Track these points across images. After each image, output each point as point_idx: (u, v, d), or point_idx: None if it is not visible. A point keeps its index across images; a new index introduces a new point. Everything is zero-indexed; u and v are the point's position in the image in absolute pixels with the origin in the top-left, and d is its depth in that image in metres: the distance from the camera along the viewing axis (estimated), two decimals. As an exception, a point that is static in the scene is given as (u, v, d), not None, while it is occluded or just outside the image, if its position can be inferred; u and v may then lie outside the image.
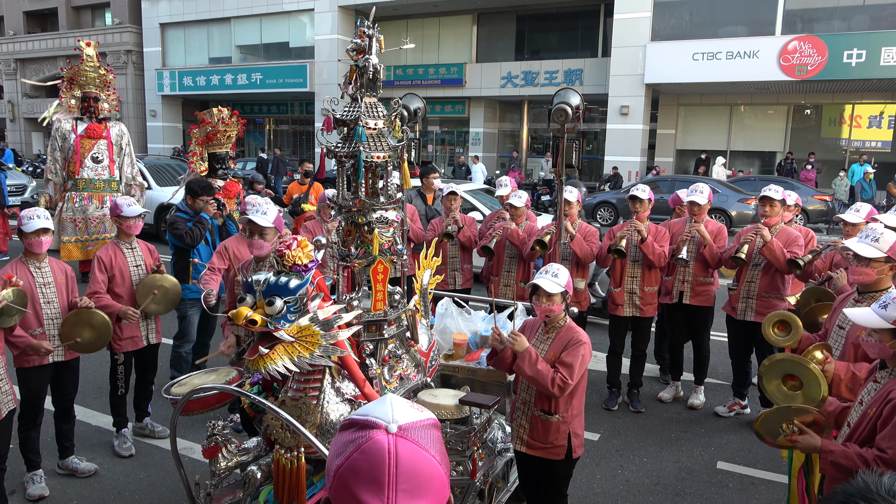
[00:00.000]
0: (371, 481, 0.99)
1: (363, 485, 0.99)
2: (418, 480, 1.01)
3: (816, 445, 2.63)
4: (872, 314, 2.53)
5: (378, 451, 1.00)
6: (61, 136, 8.54)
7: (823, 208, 15.72)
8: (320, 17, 25.54)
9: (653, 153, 23.15)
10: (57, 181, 8.65)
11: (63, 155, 8.59)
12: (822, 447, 2.61)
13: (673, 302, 5.55)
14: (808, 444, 2.67)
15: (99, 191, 8.63)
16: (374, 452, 1.00)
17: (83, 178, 8.51)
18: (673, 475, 4.55)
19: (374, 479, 0.99)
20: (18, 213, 10.15)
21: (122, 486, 4.28)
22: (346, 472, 1.00)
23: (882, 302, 2.53)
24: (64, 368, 4.17)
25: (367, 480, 0.99)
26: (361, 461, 1.00)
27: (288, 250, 2.56)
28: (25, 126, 33.91)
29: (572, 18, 24.29)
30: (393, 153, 3.11)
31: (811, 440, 2.66)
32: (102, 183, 8.71)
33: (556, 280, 3.23)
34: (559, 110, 4.48)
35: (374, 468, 0.99)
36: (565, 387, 3.08)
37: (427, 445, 1.03)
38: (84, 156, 8.51)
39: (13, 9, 34.81)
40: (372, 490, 0.99)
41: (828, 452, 2.58)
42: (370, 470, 0.99)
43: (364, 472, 0.99)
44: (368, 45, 3.06)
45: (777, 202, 5.04)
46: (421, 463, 1.02)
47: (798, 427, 2.72)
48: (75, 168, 8.48)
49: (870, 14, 18.64)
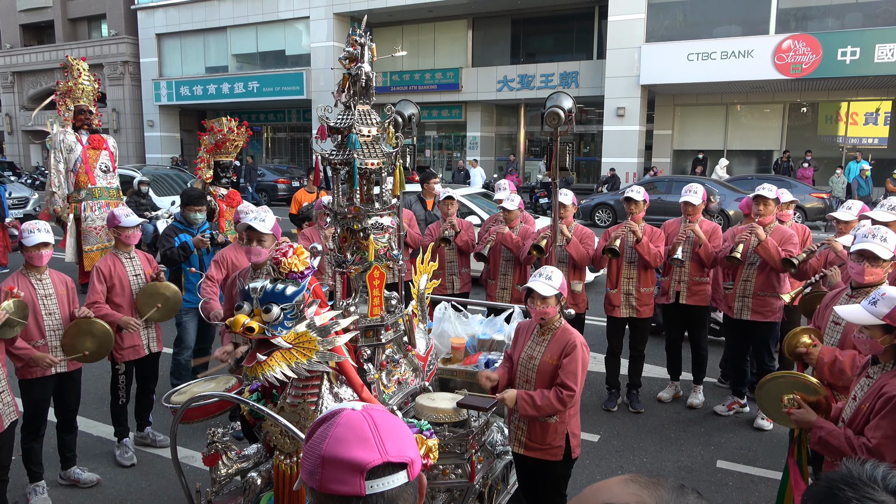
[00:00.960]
0: (358, 440, 1.07)
1: (352, 446, 1.07)
2: (397, 432, 1.12)
3: (811, 421, 2.69)
4: (863, 311, 2.56)
5: (354, 417, 1.11)
6: (66, 148, 8.59)
7: (821, 206, 15.75)
8: (316, 24, 25.63)
9: (650, 154, 23.20)
10: (61, 193, 8.70)
11: (68, 167, 8.65)
12: (815, 423, 2.66)
13: (670, 302, 5.58)
14: (803, 417, 2.72)
15: (113, 199, 8.83)
16: (350, 419, 1.10)
17: (98, 187, 8.69)
18: (673, 474, 4.56)
19: (360, 437, 1.08)
20: (17, 225, 10.18)
21: (125, 495, 4.30)
22: (331, 446, 1.08)
23: (871, 298, 2.56)
24: (66, 379, 4.20)
25: (354, 441, 1.07)
26: (342, 430, 1.09)
27: (284, 258, 2.59)
28: (23, 139, 33.99)
29: (567, 21, 24.38)
30: (387, 160, 3.14)
31: (807, 415, 2.71)
32: (114, 191, 8.98)
33: (549, 283, 3.26)
34: (552, 114, 4.52)
35: (357, 430, 1.09)
36: (573, 397, 3.18)
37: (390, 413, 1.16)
38: (93, 166, 8.67)
39: (9, 22, 34.92)
40: (361, 446, 1.07)
41: (819, 428, 2.64)
42: (354, 432, 1.08)
43: (349, 436, 1.08)
44: (361, 53, 3.09)
45: (771, 201, 5.07)
46: (392, 420, 1.13)
47: (797, 401, 2.76)
48: (88, 178, 8.62)
49: (863, 12, 18.71)
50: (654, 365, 6.43)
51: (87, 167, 8.57)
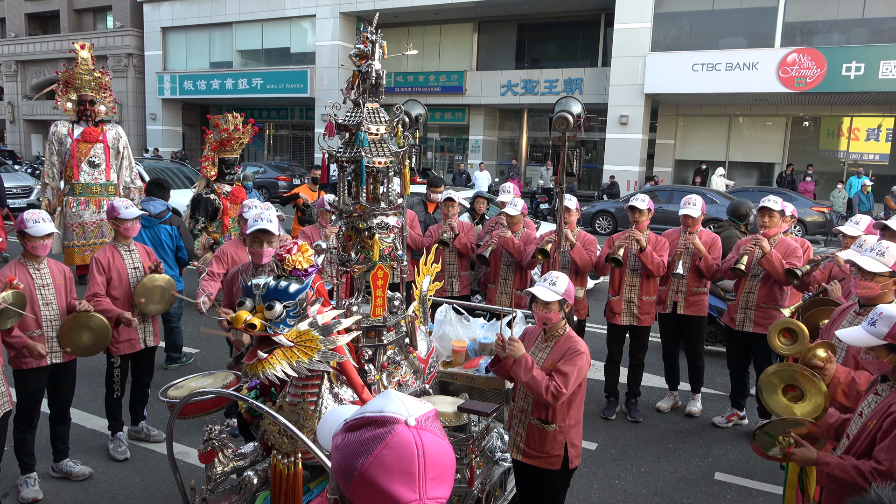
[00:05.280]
0: (402, 473, 1.02)
1: (395, 478, 1.02)
2: (442, 467, 1.06)
3: (813, 458, 2.62)
4: (863, 333, 2.53)
5: (406, 444, 1.03)
6: (58, 141, 8.49)
7: (821, 220, 15.76)
8: (322, 23, 25.63)
9: (652, 163, 23.22)
10: (54, 185, 8.60)
11: (60, 159, 8.55)
12: (818, 459, 2.60)
13: (667, 312, 5.56)
14: (804, 456, 2.66)
15: (96, 195, 8.53)
16: (402, 446, 1.03)
17: (80, 182, 8.46)
18: (671, 485, 4.53)
19: (406, 471, 1.02)
20: (11, 214, 10.11)
21: (117, 490, 4.25)
22: (374, 469, 1.02)
23: (870, 319, 2.53)
24: (61, 371, 4.15)
25: (398, 473, 1.02)
26: (390, 456, 1.03)
27: (288, 255, 2.55)
28: (25, 128, 33.93)
29: (573, 28, 24.42)
30: (394, 159, 3.11)
31: (807, 453, 2.65)
32: (99, 187, 8.60)
33: (553, 288, 3.21)
34: (560, 118, 4.49)
35: (404, 461, 1.02)
36: (559, 395, 3.06)
37: (441, 434, 1.08)
38: (81, 160, 8.43)
39: (15, 10, 34.89)
40: (404, 482, 1.02)
41: (824, 465, 2.56)
42: (401, 463, 1.02)
43: (395, 466, 1.02)
44: (371, 50, 3.06)
45: (776, 213, 5.06)
46: (442, 451, 1.07)
47: (794, 440, 2.71)
48: (72, 173, 8.42)
49: (868, 27, 18.75)
50: (652, 374, 6.40)
51: (74, 161, 8.42)
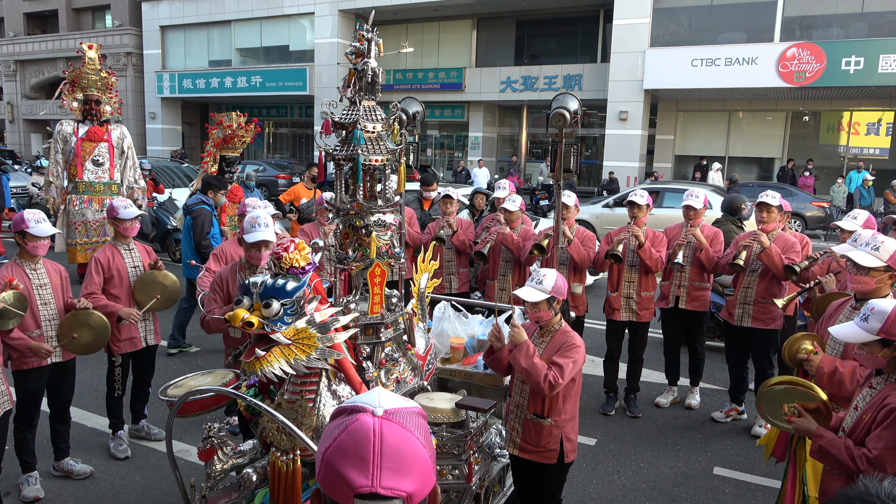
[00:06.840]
0: (356, 458, 1.03)
1: (349, 463, 1.03)
2: (402, 459, 1.04)
3: (811, 430, 2.68)
4: (856, 329, 2.54)
5: (363, 430, 1.05)
6: (62, 139, 8.53)
7: (821, 215, 15.76)
8: (320, 20, 25.57)
9: (651, 159, 23.18)
10: (59, 184, 8.64)
11: (64, 158, 8.58)
12: (815, 432, 2.65)
13: (669, 306, 5.56)
14: (803, 426, 2.71)
15: (99, 194, 8.59)
16: (359, 432, 1.05)
17: (84, 181, 8.51)
18: (669, 480, 4.54)
19: (360, 456, 1.03)
20: (10, 215, 10.10)
21: (118, 488, 4.27)
22: (332, 452, 1.05)
23: (862, 315, 2.54)
24: (61, 370, 4.17)
25: (352, 458, 1.03)
26: (347, 440, 1.05)
27: (285, 253, 2.56)
28: (25, 127, 33.89)
29: (572, 24, 24.35)
30: (391, 156, 3.12)
31: (807, 424, 2.70)
32: (103, 186, 8.65)
33: (539, 287, 3.22)
34: (557, 115, 4.49)
35: (358, 446, 1.04)
36: (556, 385, 3.09)
37: (411, 428, 1.08)
38: (85, 159, 8.49)
39: (13, 10, 34.82)
40: (357, 467, 1.03)
41: (819, 437, 2.62)
42: (355, 448, 1.04)
43: (350, 451, 1.04)
44: (367, 48, 3.07)
45: (774, 208, 5.06)
46: (404, 443, 1.06)
47: (798, 409, 2.74)
48: (76, 171, 8.47)
49: (868, 21, 18.70)
50: (652, 370, 6.41)
51: (78, 159, 8.46)
